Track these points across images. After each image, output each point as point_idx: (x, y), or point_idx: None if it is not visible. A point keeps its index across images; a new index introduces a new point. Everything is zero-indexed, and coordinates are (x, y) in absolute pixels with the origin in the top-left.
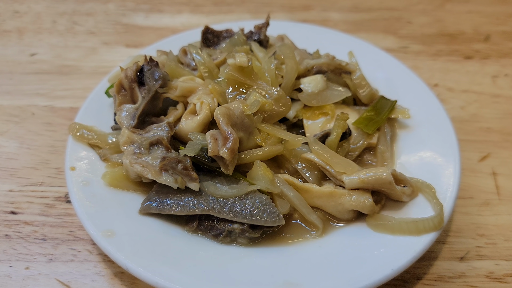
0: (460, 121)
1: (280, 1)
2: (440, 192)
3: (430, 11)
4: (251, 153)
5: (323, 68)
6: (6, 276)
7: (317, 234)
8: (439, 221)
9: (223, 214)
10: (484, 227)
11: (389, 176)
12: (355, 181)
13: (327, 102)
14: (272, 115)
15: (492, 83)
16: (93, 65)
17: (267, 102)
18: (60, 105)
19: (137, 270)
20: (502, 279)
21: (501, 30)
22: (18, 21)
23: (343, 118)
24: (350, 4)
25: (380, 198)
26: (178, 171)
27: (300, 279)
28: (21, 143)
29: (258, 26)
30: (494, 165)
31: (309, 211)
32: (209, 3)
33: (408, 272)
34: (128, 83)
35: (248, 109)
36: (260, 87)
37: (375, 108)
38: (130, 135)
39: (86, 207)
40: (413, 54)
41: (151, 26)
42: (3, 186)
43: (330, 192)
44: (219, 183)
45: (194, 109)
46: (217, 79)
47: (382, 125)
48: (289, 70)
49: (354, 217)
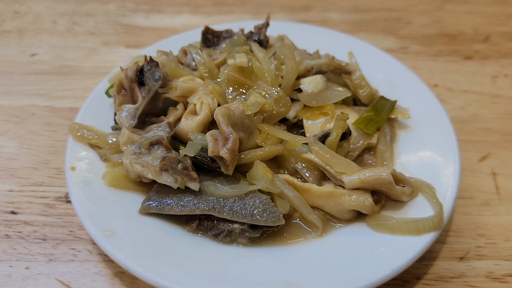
0: (460, 121)
1: (280, 1)
2: (440, 192)
3: (430, 12)
4: (251, 153)
5: (323, 68)
6: (6, 276)
7: (317, 234)
8: (438, 221)
9: (223, 214)
10: (484, 227)
11: (388, 176)
12: (355, 181)
13: (327, 102)
14: (272, 116)
15: (492, 84)
16: (93, 65)
17: (268, 103)
18: (60, 105)
19: (137, 270)
20: (502, 279)
21: (501, 30)
22: (18, 21)
23: (343, 118)
24: (350, 5)
25: (380, 198)
26: (178, 171)
27: (300, 279)
28: (21, 143)
29: (258, 27)
30: (494, 165)
31: (309, 211)
32: (209, 4)
33: (408, 272)
34: (128, 83)
35: (249, 109)
36: (260, 87)
37: (374, 108)
38: (130, 135)
39: (86, 207)
40: (413, 54)
41: (151, 26)
42: (3, 186)
43: (330, 192)
44: (219, 183)
45: (194, 109)
46: (217, 79)
47: (382, 125)
48: (289, 71)
49: (354, 217)
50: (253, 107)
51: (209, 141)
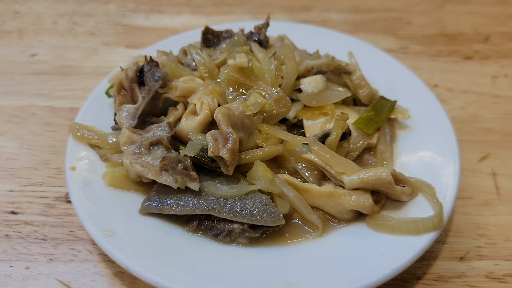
0: (459, 121)
1: (280, 1)
2: (440, 192)
3: (430, 12)
4: (251, 153)
5: (323, 68)
6: (7, 276)
7: (317, 234)
8: (438, 221)
9: (223, 214)
10: (484, 227)
11: (388, 176)
12: (354, 181)
13: (327, 102)
14: (272, 116)
15: (492, 84)
16: (94, 65)
17: (268, 103)
18: (61, 106)
19: (137, 270)
20: (502, 279)
21: (500, 30)
22: (18, 21)
23: (343, 118)
24: (350, 5)
25: (380, 198)
26: (178, 171)
27: (300, 279)
28: (21, 143)
29: (258, 27)
30: (494, 165)
31: (309, 211)
32: (209, 4)
33: (408, 272)
34: (128, 83)
35: (249, 109)
36: (260, 87)
37: (374, 108)
38: (130, 135)
39: (86, 207)
40: (413, 54)
41: (151, 26)
42: (3, 186)
43: (330, 192)
44: (219, 183)
45: (194, 109)
46: (217, 79)
47: (382, 125)
48: (289, 71)
49: (354, 217)
50: (253, 107)
51: (209, 141)
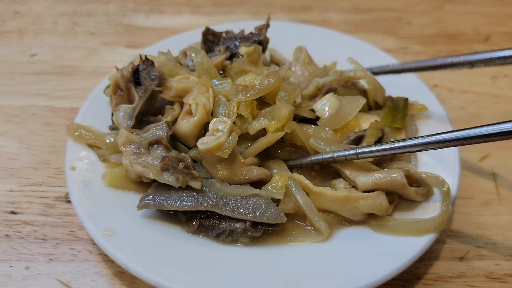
0: (459, 121)
1: (280, 1)
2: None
3: (430, 12)
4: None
5: (333, 85)
6: (6, 275)
7: (320, 240)
8: (440, 222)
9: (226, 211)
10: (484, 227)
11: (402, 178)
12: (368, 183)
13: (349, 118)
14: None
15: (492, 84)
16: (94, 65)
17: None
18: (61, 106)
19: (137, 270)
20: (502, 279)
21: (500, 30)
22: (18, 21)
23: (377, 126)
24: (350, 5)
25: (393, 198)
26: (179, 170)
27: (300, 279)
28: (21, 143)
29: (258, 27)
30: (494, 165)
31: (317, 218)
32: (210, 4)
33: (408, 272)
34: (124, 83)
35: (225, 153)
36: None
37: (393, 104)
38: (129, 135)
39: (86, 207)
40: (413, 54)
41: (151, 26)
42: (3, 186)
43: (344, 196)
44: (220, 183)
45: (190, 109)
46: (214, 79)
47: (407, 121)
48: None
49: (366, 218)
50: (227, 149)
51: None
